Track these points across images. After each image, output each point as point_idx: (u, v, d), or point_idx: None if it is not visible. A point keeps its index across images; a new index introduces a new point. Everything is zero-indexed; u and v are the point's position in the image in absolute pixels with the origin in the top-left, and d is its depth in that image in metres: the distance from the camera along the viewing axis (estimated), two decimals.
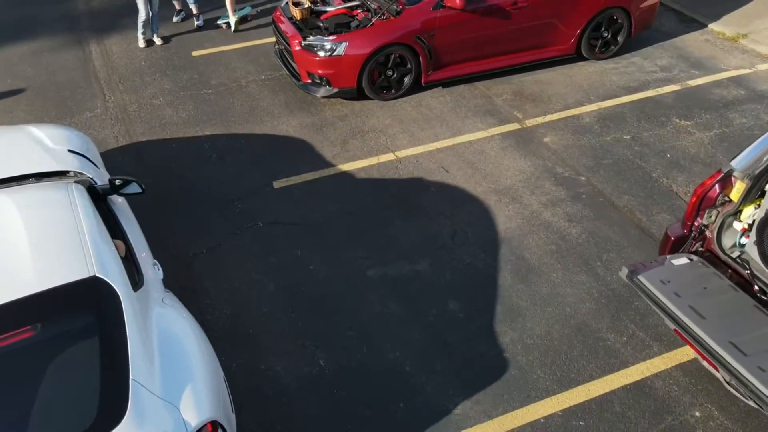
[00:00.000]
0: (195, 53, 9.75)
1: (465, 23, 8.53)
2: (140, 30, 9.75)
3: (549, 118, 8.39)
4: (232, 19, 10.13)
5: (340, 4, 8.86)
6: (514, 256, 6.46)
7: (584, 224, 6.81)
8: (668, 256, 5.07)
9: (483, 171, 7.50)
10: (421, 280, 6.21)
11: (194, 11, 10.34)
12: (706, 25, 10.47)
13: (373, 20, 8.35)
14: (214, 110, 8.50)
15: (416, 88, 8.80)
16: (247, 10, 10.67)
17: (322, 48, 8.24)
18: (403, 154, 7.75)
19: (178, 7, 10.55)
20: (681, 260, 4.99)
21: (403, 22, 8.27)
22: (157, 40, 9.94)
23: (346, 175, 7.44)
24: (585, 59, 9.54)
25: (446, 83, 8.92)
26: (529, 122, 8.31)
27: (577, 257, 6.45)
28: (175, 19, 10.53)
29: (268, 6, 11.10)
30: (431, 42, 8.50)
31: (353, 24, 8.46)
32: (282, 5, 9.15)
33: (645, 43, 9.96)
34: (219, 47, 9.91)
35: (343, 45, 8.18)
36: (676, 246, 5.24)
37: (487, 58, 9.01)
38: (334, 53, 8.21)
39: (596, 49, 9.49)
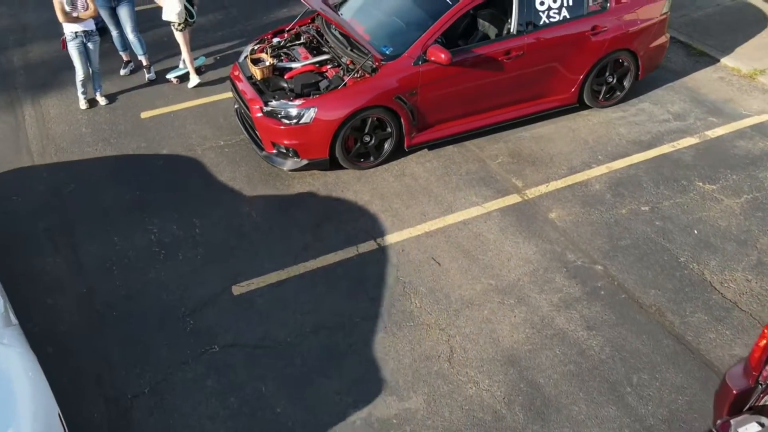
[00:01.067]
0: (144, 114, 8.51)
1: (452, 78, 7.36)
2: (80, 89, 8.49)
3: (553, 185, 7.24)
4: (192, 72, 8.88)
5: (307, 58, 7.65)
6: (525, 382, 5.29)
7: (606, 332, 5.66)
8: (732, 422, 3.91)
9: (481, 262, 6.32)
10: (414, 422, 5.02)
11: (144, 62, 9.10)
12: (718, 60, 9.36)
13: (346, 79, 7.16)
14: (165, 188, 7.26)
15: (399, 152, 7.62)
16: (201, 60, 9.42)
17: (287, 115, 7.03)
18: (386, 241, 6.56)
19: (125, 58, 9.31)
20: (751, 428, 3.83)
21: (381, 80, 7.08)
22: (101, 100, 8.69)
23: (319, 274, 6.24)
24: (588, 107, 8.38)
25: (433, 145, 7.72)
26: (531, 192, 7.14)
27: (602, 381, 5.30)
28: (122, 72, 9.28)
29: (229, 52, 9.85)
30: (414, 101, 7.32)
31: (323, 84, 7.25)
32: (240, 60, 7.92)
33: (653, 85, 8.84)
34: (172, 106, 8.67)
35: (312, 111, 6.97)
36: (739, 401, 4.08)
37: (479, 114, 7.85)
38: (301, 121, 7.00)
39: (600, 97, 8.35)
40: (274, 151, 7.35)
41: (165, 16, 8.45)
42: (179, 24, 8.38)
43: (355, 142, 7.39)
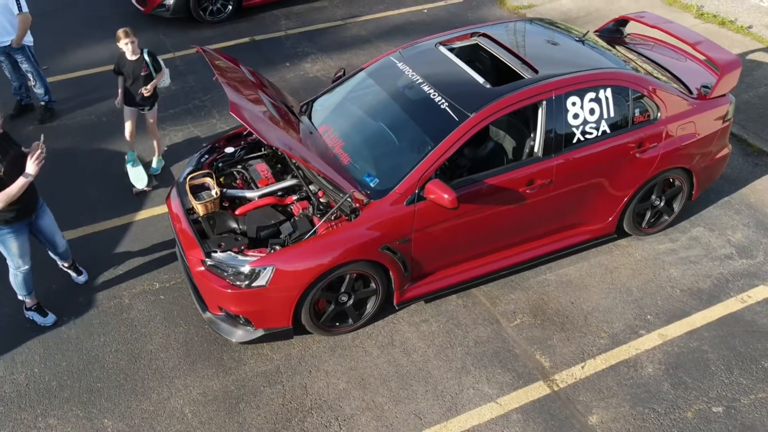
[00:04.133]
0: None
1: (457, 218, 5.52)
2: None
3: (590, 366, 5.41)
4: (142, 179, 7.00)
5: (267, 183, 5.76)
6: None
7: None
8: None
9: None
10: None
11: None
12: None
13: (317, 225, 5.27)
14: (72, 368, 5.40)
15: (387, 306, 5.74)
16: (158, 164, 7.51)
17: (237, 274, 5.15)
18: None
19: None
20: None
21: (362, 227, 5.24)
22: None
23: None
24: (626, 234, 6.54)
25: (431, 296, 5.88)
26: (562, 378, 5.31)
27: None
28: None
29: (177, 140, 7.94)
30: (406, 249, 5.47)
31: (285, 230, 5.39)
32: (179, 180, 6.02)
33: (705, 199, 7.08)
34: (96, 224, 6.74)
35: (269, 271, 5.11)
36: None
37: (491, 254, 5.99)
38: (255, 283, 5.12)
39: (643, 223, 6.51)
40: (222, 314, 5.47)
41: (163, 84, 7.04)
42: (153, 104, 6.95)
43: (328, 302, 5.52)
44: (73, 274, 6.09)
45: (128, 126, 6.99)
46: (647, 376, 5.37)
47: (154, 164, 7.44)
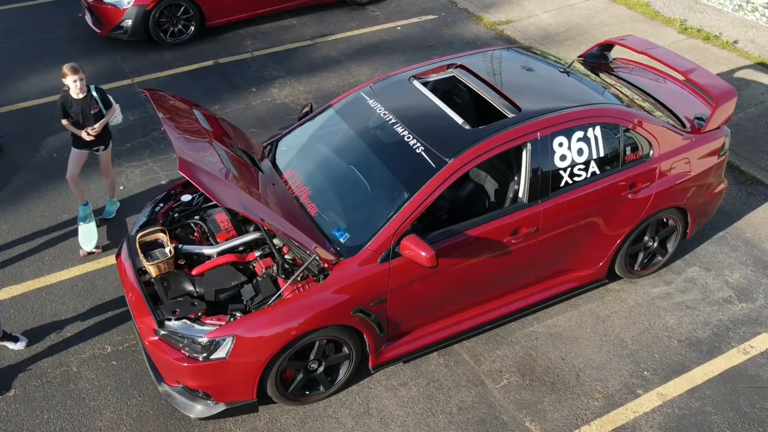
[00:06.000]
0: (3, 294, 5.99)
1: (436, 274, 5.02)
2: None
3: None
4: (92, 239, 6.40)
5: (227, 237, 5.22)
6: None
7: None
8: None
9: None
10: None
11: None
12: None
13: (282, 288, 4.74)
14: None
15: (362, 370, 5.23)
16: (112, 206, 6.93)
17: (193, 346, 4.61)
18: None
19: None
20: None
21: (332, 290, 4.72)
22: None
23: None
24: (618, 277, 6.08)
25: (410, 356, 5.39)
26: None
27: None
28: None
29: (134, 182, 7.37)
30: (381, 310, 4.96)
31: (246, 294, 4.85)
32: (130, 234, 5.46)
33: (699, 235, 6.62)
34: (44, 277, 6.16)
35: (229, 342, 4.57)
36: None
37: (474, 308, 5.51)
38: (214, 355, 4.58)
39: (636, 266, 6.06)
40: (179, 386, 4.92)
41: (115, 122, 6.41)
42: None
43: (296, 370, 4.99)
44: (9, 344, 5.50)
45: (71, 167, 6.35)
46: None
47: (107, 207, 6.85)
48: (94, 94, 6.18)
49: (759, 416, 5.08)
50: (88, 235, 6.39)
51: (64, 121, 6.17)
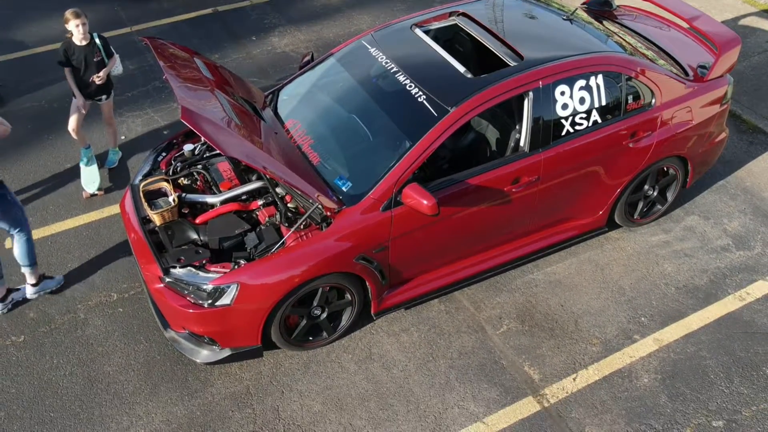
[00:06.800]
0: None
1: (438, 222, 5.08)
2: None
3: (583, 377, 5.06)
4: (94, 181, 6.43)
5: (230, 186, 5.26)
6: None
7: None
8: None
9: None
10: None
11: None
12: None
13: (285, 236, 4.81)
14: (22, 396, 5.02)
15: (364, 316, 5.33)
16: (115, 155, 6.93)
17: (198, 293, 4.69)
18: None
19: None
20: None
21: (335, 238, 4.77)
22: None
23: None
24: (618, 226, 6.15)
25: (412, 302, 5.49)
26: (552, 392, 4.97)
27: None
28: None
29: (141, 131, 7.37)
30: (383, 257, 5.04)
31: (250, 242, 4.91)
32: (134, 182, 5.51)
33: (699, 184, 6.64)
34: (49, 226, 6.22)
35: (233, 289, 4.66)
36: None
37: (474, 256, 5.57)
38: (219, 302, 4.67)
39: (636, 214, 6.11)
40: (185, 332, 5.02)
41: (116, 71, 6.40)
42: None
43: (300, 317, 5.09)
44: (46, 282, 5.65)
45: (74, 120, 6.35)
46: (643, 388, 5.03)
47: (110, 156, 6.87)
48: (97, 41, 6.14)
49: (753, 360, 5.20)
50: (91, 177, 6.43)
51: (67, 71, 6.13)
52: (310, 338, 5.25)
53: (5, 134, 4.97)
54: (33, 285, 5.53)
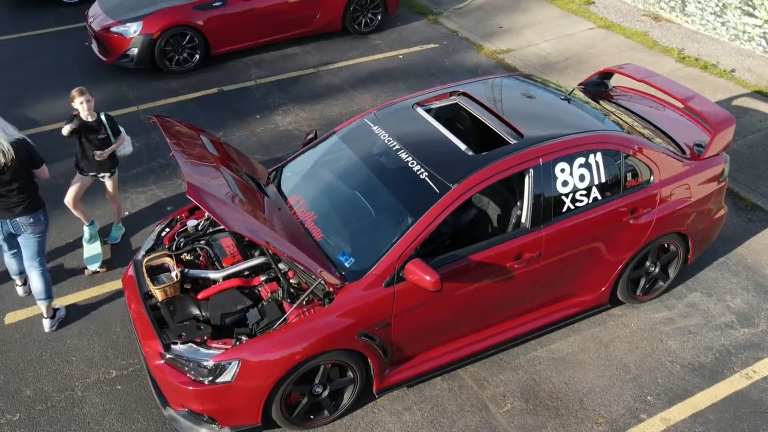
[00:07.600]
0: (9, 318, 6.02)
1: (440, 298, 5.07)
2: None
3: None
4: (96, 260, 6.44)
5: (233, 261, 5.27)
6: None
7: None
8: None
9: None
10: None
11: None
12: None
13: (288, 312, 4.78)
14: None
15: (366, 394, 5.24)
16: (117, 232, 6.96)
17: (199, 370, 4.63)
18: None
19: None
20: None
21: (337, 314, 4.75)
22: None
23: None
24: (620, 302, 6.12)
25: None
26: None
27: None
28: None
29: (142, 207, 7.43)
30: (386, 334, 4.99)
31: (251, 318, 4.88)
32: (137, 258, 5.51)
33: (700, 261, 6.65)
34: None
35: (234, 365, 4.60)
36: None
37: (477, 333, 5.54)
38: (219, 379, 4.60)
39: (638, 291, 6.10)
40: (184, 410, 4.93)
41: (123, 152, 6.52)
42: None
43: (301, 394, 5.01)
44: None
45: (72, 191, 6.40)
46: None
47: (113, 232, 6.91)
48: (104, 119, 6.27)
49: None
50: (93, 254, 6.44)
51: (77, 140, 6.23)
52: (312, 416, 5.17)
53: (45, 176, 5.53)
54: (49, 318, 5.86)
